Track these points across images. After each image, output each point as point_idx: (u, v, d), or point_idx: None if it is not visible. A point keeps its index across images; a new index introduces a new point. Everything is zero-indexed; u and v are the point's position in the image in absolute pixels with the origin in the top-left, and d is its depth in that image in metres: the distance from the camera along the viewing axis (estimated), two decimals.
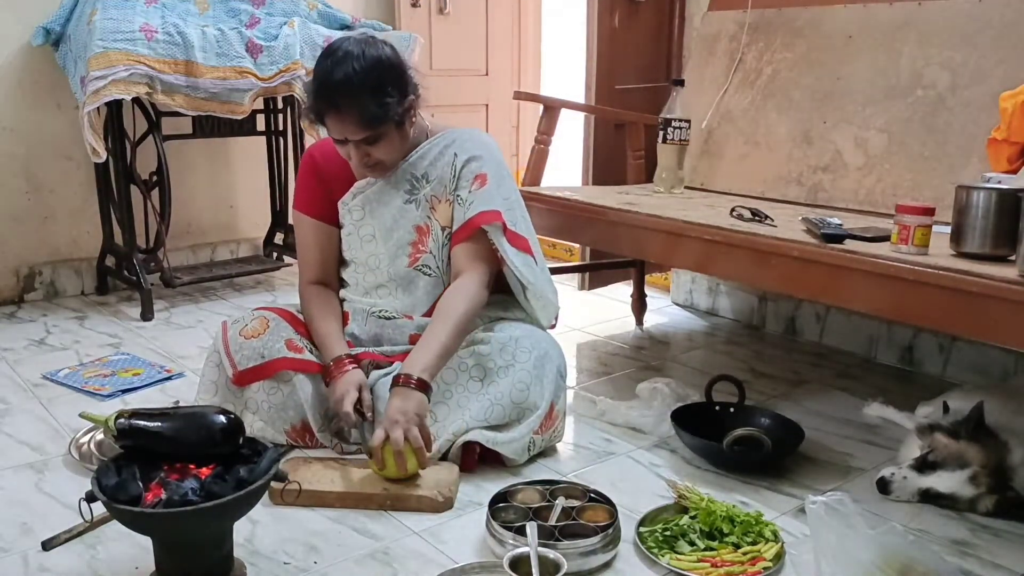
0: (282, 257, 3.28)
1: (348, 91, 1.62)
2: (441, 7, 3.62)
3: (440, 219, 1.81)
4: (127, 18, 2.48)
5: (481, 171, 1.78)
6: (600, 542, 1.38)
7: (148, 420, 1.31)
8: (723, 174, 2.46)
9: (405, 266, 1.82)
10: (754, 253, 1.76)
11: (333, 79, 1.62)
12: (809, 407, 2.10)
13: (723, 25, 2.60)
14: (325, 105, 1.64)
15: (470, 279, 1.73)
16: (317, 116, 1.67)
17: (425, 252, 1.82)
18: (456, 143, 1.81)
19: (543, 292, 1.80)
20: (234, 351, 1.73)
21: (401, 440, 1.52)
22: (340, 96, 1.62)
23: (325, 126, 1.68)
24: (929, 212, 1.56)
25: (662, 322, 2.87)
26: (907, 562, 1.27)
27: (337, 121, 1.65)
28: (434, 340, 1.65)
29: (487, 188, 1.76)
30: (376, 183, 1.80)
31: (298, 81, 2.79)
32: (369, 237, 1.82)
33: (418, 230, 1.81)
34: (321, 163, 1.84)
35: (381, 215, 1.81)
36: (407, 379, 1.59)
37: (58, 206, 2.94)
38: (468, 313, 1.71)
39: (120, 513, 1.21)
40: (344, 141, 1.69)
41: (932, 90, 2.09)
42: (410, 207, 1.80)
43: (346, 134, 1.66)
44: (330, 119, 1.65)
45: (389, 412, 1.56)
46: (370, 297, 1.85)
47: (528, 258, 1.78)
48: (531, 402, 1.70)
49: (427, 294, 1.83)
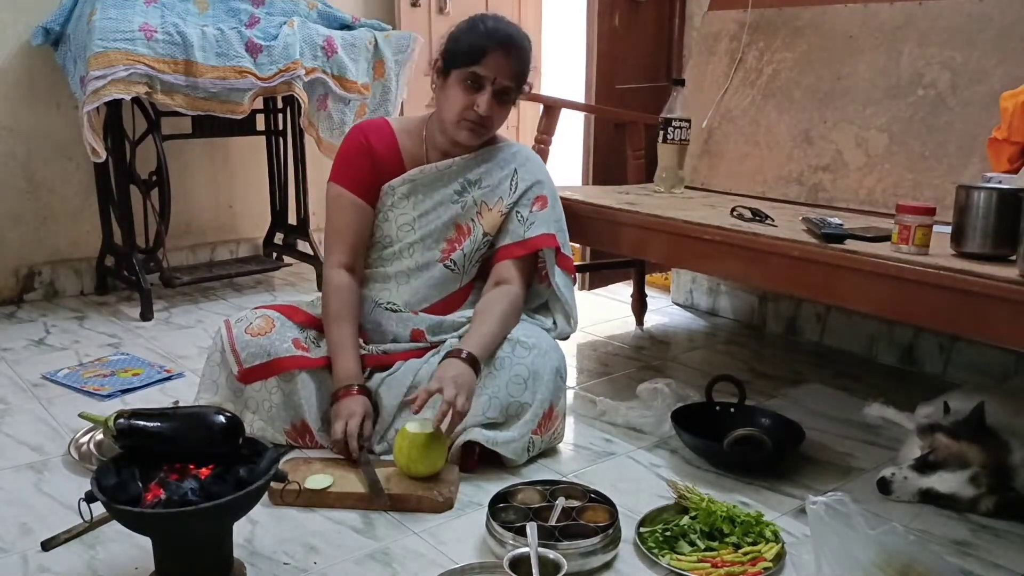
0: (282, 257, 3.28)
1: (520, 43, 1.76)
2: (441, 7, 3.62)
3: (485, 224, 1.85)
4: (126, 18, 2.48)
5: (542, 193, 1.87)
6: (600, 542, 1.38)
7: (148, 420, 1.31)
8: (723, 174, 2.46)
9: (436, 259, 1.85)
10: (754, 253, 1.75)
11: (508, 30, 1.75)
12: (809, 407, 2.09)
13: (723, 25, 2.60)
14: (494, 44, 1.72)
15: (516, 290, 1.82)
16: (477, 51, 1.71)
17: (458, 249, 1.85)
18: (517, 160, 1.89)
19: (573, 312, 1.91)
20: (240, 348, 1.73)
21: (453, 396, 1.55)
22: (514, 42, 1.75)
23: (473, 63, 1.72)
24: (930, 212, 1.56)
25: (662, 322, 2.87)
26: (907, 562, 1.26)
27: (501, 59, 1.72)
28: (485, 328, 1.72)
29: (546, 212, 1.86)
30: (430, 173, 1.83)
31: (298, 81, 2.78)
32: (407, 225, 1.84)
33: (458, 228, 1.85)
34: (376, 146, 1.84)
35: (424, 205, 1.84)
36: (458, 352, 1.64)
37: (58, 206, 2.94)
38: (511, 316, 1.78)
39: (120, 513, 1.21)
40: (478, 88, 1.73)
41: (932, 90, 2.09)
42: (456, 206, 1.85)
43: (500, 75, 1.73)
44: (494, 55, 1.71)
45: (441, 374, 1.60)
46: (382, 286, 1.86)
47: (570, 279, 1.90)
48: (527, 398, 1.70)
49: (439, 288, 1.85)
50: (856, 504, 1.29)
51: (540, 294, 1.93)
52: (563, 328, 1.92)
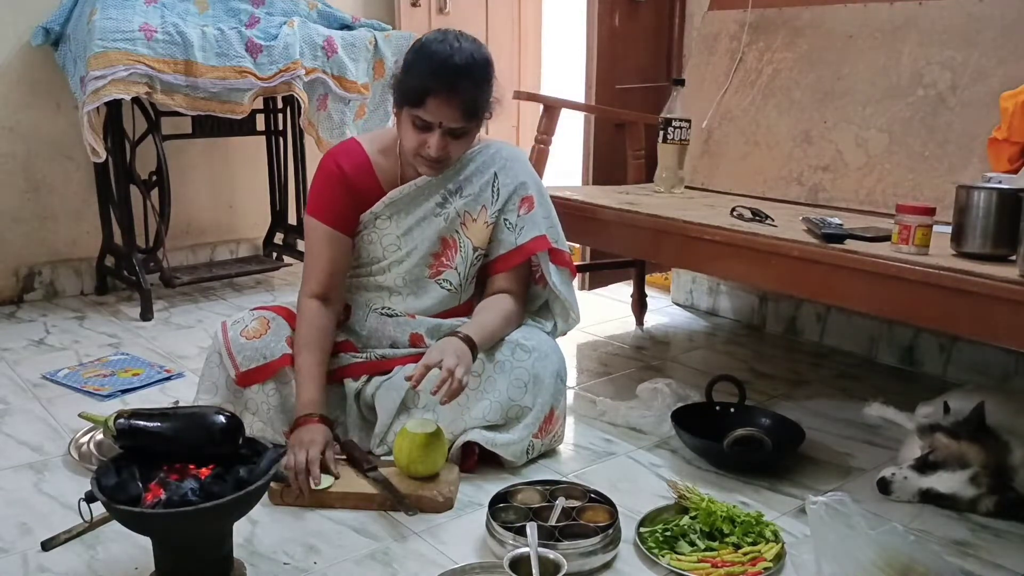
0: (282, 257, 3.28)
1: (468, 76, 1.61)
2: (441, 7, 3.63)
3: (472, 238, 1.80)
4: (126, 18, 2.48)
5: (527, 195, 1.80)
6: (600, 542, 1.38)
7: (147, 420, 1.31)
8: (723, 174, 2.46)
9: (425, 276, 1.81)
10: (755, 253, 1.75)
11: (454, 61, 1.59)
12: (809, 407, 2.09)
13: (724, 25, 2.60)
14: (438, 85, 1.58)
15: (516, 301, 1.81)
16: (418, 95, 1.60)
17: (449, 267, 1.81)
18: (496, 162, 1.80)
19: (572, 306, 1.87)
20: (236, 352, 1.72)
21: (454, 365, 1.54)
22: (460, 79, 1.60)
23: (417, 106, 1.61)
24: (930, 212, 1.56)
25: (662, 322, 2.87)
26: (907, 562, 1.27)
27: (443, 104, 1.60)
28: (485, 319, 1.73)
29: (534, 213, 1.80)
30: (409, 192, 1.77)
31: (298, 81, 2.79)
32: (393, 247, 1.80)
33: (443, 242, 1.80)
34: (351, 175, 1.76)
35: (407, 223, 1.79)
36: (456, 333, 1.65)
37: (58, 206, 2.94)
38: (513, 319, 1.78)
39: (120, 513, 1.21)
40: (427, 129, 1.63)
41: (932, 90, 2.09)
42: (439, 219, 1.79)
43: (444, 119, 1.62)
44: (436, 100, 1.59)
45: (441, 347, 1.59)
46: (376, 294, 1.84)
47: (566, 273, 1.85)
48: (528, 401, 1.70)
49: (439, 304, 1.83)
50: (856, 504, 1.30)
51: (538, 295, 1.91)
52: (563, 328, 1.91)
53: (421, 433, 1.58)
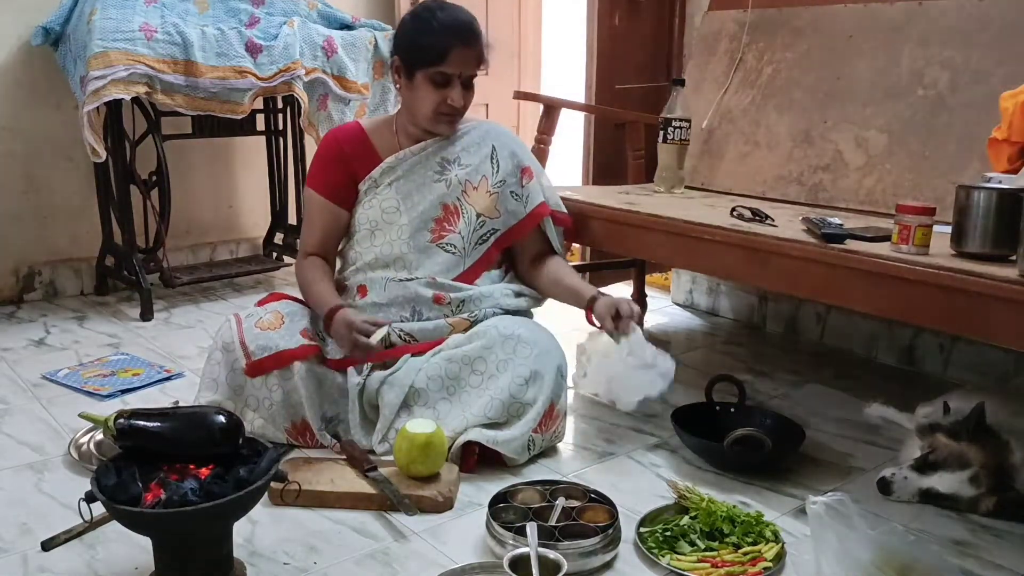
0: (282, 257, 3.28)
1: (473, 28, 1.83)
2: None
3: (475, 205, 1.91)
4: (127, 18, 2.48)
5: (525, 165, 1.97)
6: (600, 542, 1.38)
7: (148, 420, 1.31)
8: (723, 174, 2.46)
9: (427, 241, 1.88)
10: (754, 253, 1.75)
11: (462, 17, 1.83)
12: (809, 407, 2.09)
13: (723, 25, 2.60)
14: (456, 39, 1.79)
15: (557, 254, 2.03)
16: (439, 52, 1.78)
17: (452, 232, 1.89)
18: (491, 136, 1.97)
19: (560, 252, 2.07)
20: (249, 341, 1.74)
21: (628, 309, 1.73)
22: (471, 32, 1.82)
23: (438, 63, 1.78)
24: (930, 212, 1.56)
25: (662, 322, 2.87)
26: (907, 562, 1.27)
27: (463, 55, 1.80)
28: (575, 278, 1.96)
29: (534, 182, 1.97)
30: (406, 158, 1.89)
31: (298, 81, 2.78)
32: (392, 209, 1.88)
33: (445, 208, 1.89)
34: (346, 146, 1.91)
35: (407, 187, 1.89)
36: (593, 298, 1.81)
37: (58, 206, 2.94)
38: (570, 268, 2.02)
39: (120, 513, 1.21)
40: (446, 84, 1.81)
41: (932, 90, 2.09)
42: (439, 184, 1.90)
43: (464, 68, 1.82)
44: (457, 52, 1.79)
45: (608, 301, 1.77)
46: (392, 268, 1.87)
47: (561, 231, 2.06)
48: (529, 397, 1.70)
49: (445, 269, 1.87)
50: (856, 504, 1.30)
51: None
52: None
53: (421, 433, 1.58)
